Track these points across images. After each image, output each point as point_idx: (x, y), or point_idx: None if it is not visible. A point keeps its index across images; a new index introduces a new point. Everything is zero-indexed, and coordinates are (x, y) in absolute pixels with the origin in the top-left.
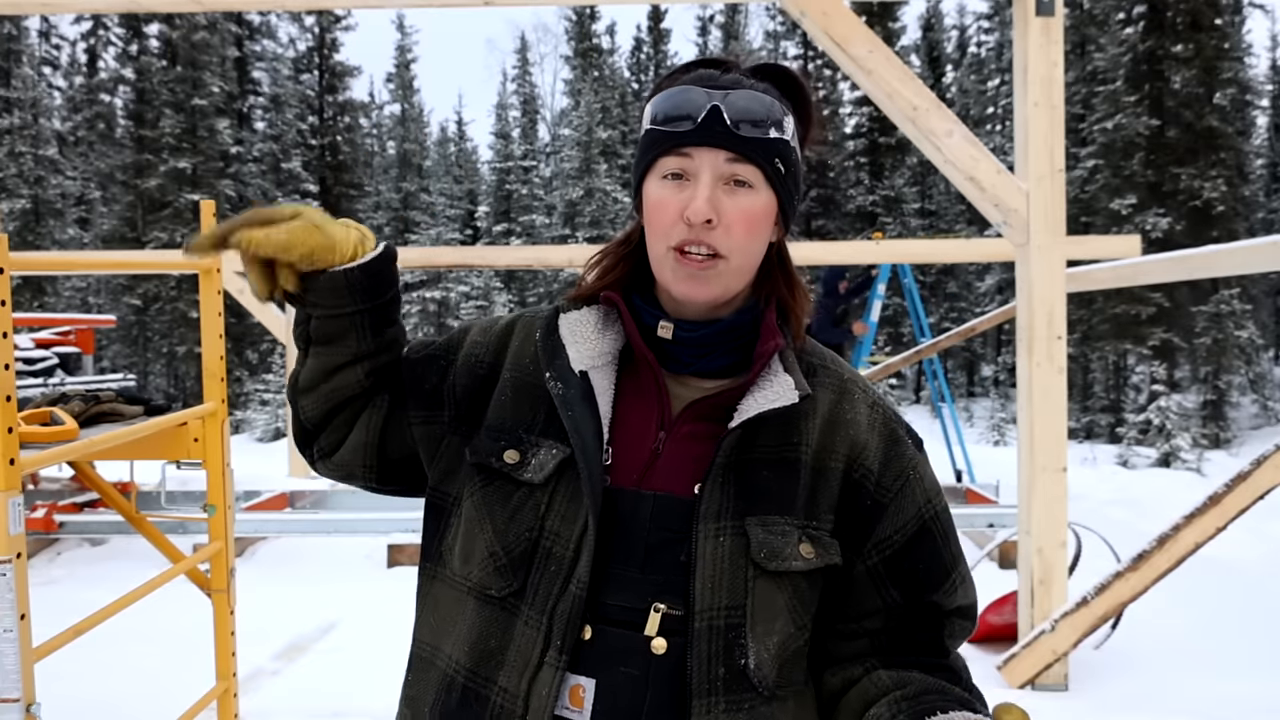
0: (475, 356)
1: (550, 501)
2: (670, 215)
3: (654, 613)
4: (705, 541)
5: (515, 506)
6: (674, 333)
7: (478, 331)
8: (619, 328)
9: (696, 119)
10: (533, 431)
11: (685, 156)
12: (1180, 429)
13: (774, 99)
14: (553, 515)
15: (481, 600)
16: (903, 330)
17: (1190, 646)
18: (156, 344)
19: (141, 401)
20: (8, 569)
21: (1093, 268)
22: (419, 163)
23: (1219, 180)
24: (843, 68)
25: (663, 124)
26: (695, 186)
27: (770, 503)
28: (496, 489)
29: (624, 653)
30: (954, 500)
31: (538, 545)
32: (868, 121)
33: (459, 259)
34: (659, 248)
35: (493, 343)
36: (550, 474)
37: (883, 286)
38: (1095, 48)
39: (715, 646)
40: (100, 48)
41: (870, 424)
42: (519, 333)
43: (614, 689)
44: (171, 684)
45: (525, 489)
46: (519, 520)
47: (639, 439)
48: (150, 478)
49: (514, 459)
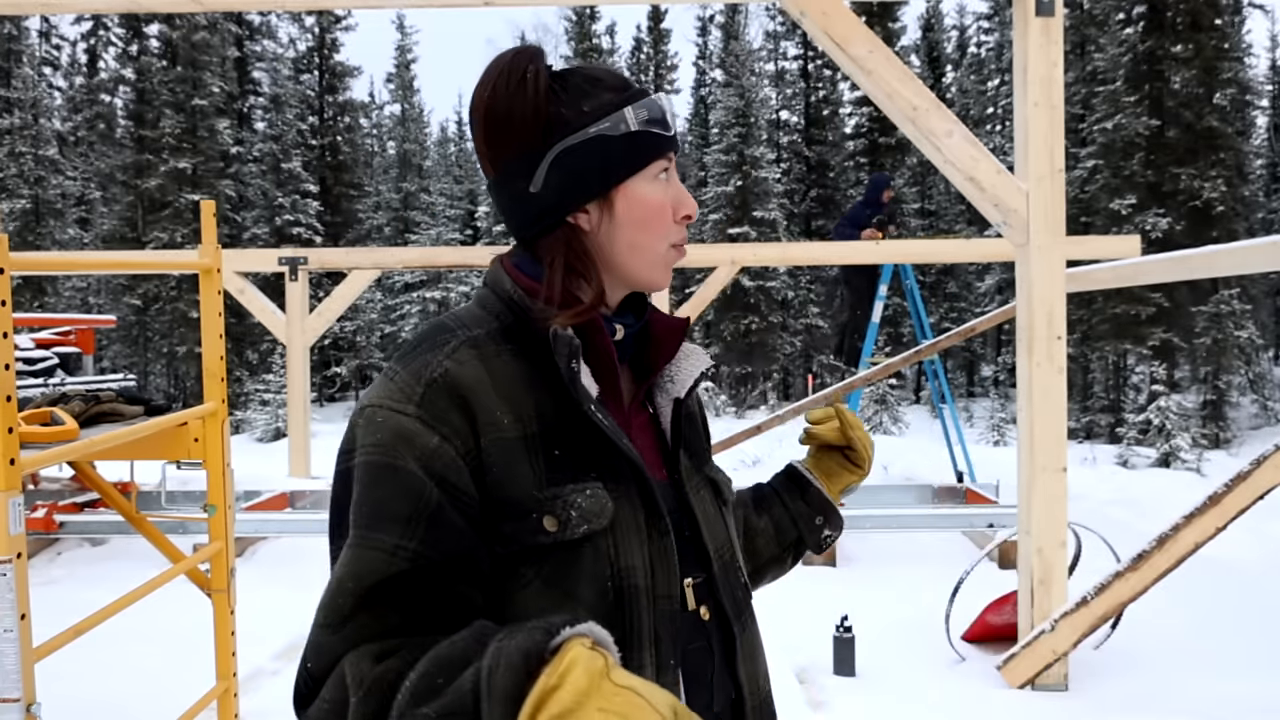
0: (451, 454)
1: (615, 540)
2: (671, 215)
3: (688, 588)
4: (695, 499)
5: (587, 567)
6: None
7: (421, 431)
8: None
9: (671, 126)
10: (542, 487)
11: (670, 159)
12: (1180, 429)
13: None
14: (622, 553)
15: None
16: (903, 330)
17: (1190, 646)
18: (156, 344)
19: (141, 401)
20: (8, 569)
21: (1093, 268)
22: (419, 163)
23: (1219, 180)
24: (843, 68)
25: (651, 127)
26: (677, 186)
27: (704, 451)
28: (557, 563)
29: (689, 632)
30: (954, 500)
31: (623, 590)
32: (868, 121)
33: (459, 259)
34: (659, 246)
35: (454, 425)
36: (613, 514)
37: (884, 287)
38: (1095, 48)
39: (730, 579)
40: (100, 48)
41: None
42: (470, 390)
43: (694, 666)
44: (171, 684)
45: (588, 544)
46: (594, 577)
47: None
48: (150, 478)
49: (554, 525)
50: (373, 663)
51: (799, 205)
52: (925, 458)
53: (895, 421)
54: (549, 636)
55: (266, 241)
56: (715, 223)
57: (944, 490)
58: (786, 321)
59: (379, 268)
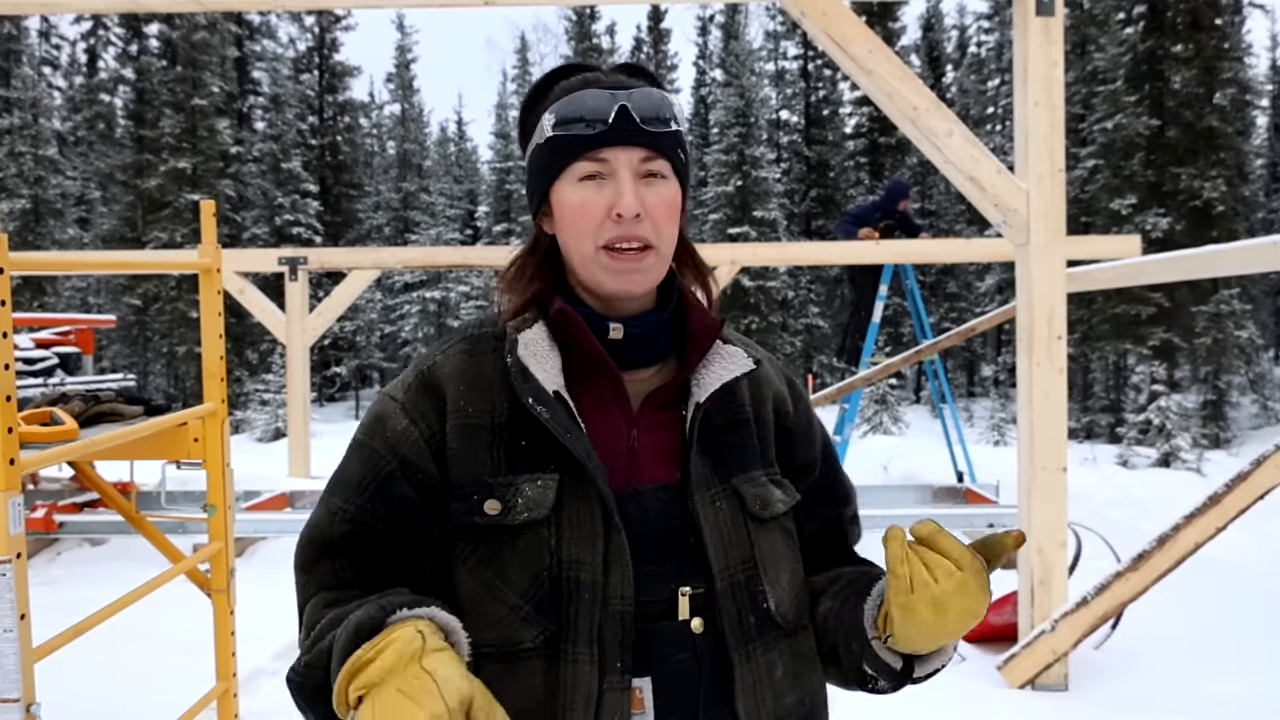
0: (417, 436)
1: (558, 532)
2: (596, 215)
3: (682, 597)
4: (705, 510)
5: (520, 552)
6: (624, 332)
7: (395, 416)
8: (558, 341)
9: (607, 120)
10: (499, 473)
11: (599, 160)
12: (1180, 429)
13: (663, 94)
14: (566, 545)
15: (512, 659)
16: (903, 330)
17: (1190, 646)
18: (156, 344)
19: (141, 401)
20: (8, 569)
21: (1093, 268)
22: (419, 163)
23: (1219, 180)
24: (843, 68)
25: (568, 129)
26: (616, 183)
27: (743, 461)
28: (493, 545)
29: (671, 643)
30: (954, 500)
31: (560, 580)
32: (868, 121)
33: (459, 259)
34: (586, 249)
35: (423, 411)
36: (553, 505)
37: (884, 287)
38: (1095, 48)
39: (741, 600)
40: (100, 48)
41: (778, 376)
42: (446, 381)
43: (670, 680)
44: (171, 684)
45: (528, 531)
46: (529, 564)
47: (612, 442)
48: (150, 478)
49: (495, 509)
50: (321, 609)
51: (799, 205)
52: (925, 458)
53: (895, 421)
54: (384, 614)
55: (266, 241)
56: (715, 223)
57: (944, 490)
58: (786, 321)
59: (379, 268)
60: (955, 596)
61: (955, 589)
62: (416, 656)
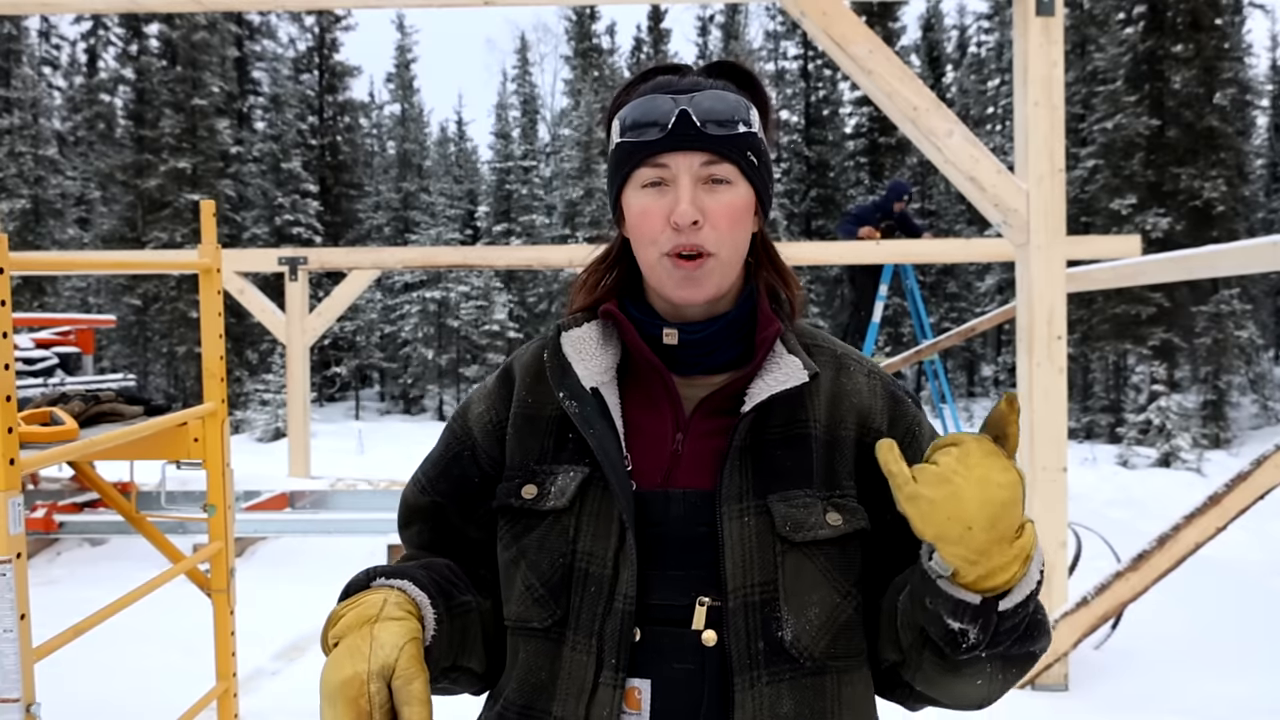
0: (488, 420)
1: (578, 524)
2: (657, 222)
3: (699, 606)
4: (730, 523)
5: (542, 536)
6: (679, 337)
7: (479, 400)
8: (618, 340)
9: (666, 126)
10: (544, 461)
11: (660, 166)
12: (1180, 429)
13: (735, 95)
14: (583, 537)
15: (525, 635)
16: (903, 330)
17: (1190, 646)
18: (156, 344)
19: (141, 401)
20: (8, 569)
21: (1093, 268)
22: (419, 163)
23: (1219, 180)
24: (843, 68)
25: (632, 135)
26: (676, 190)
27: (788, 479)
28: (523, 526)
29: (676, 650)
30: None
31: (573, 569)
32: (868, 121)
33: (459, 259)
34: (650, 255)
35: (497, 397)
36: (573, 496)
37: (884, 287)
38: (1095, 48)
39: (753, 622)
40: (100, 48)
41: (871, 390)
42: (519, 371)
43: (670, 687)
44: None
45: (551, 517)
46: (549, 549)
47: (657, 444)
48: (150, 478)
49: (532, 493)
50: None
51: (799, 205)
52: None
53: None
54: (369, 578)
55: (266, 241)
56: None
57: None
58: None
59: (379, 268)
60: (959, 465)
61: (957, 458)
62: (371, 620)
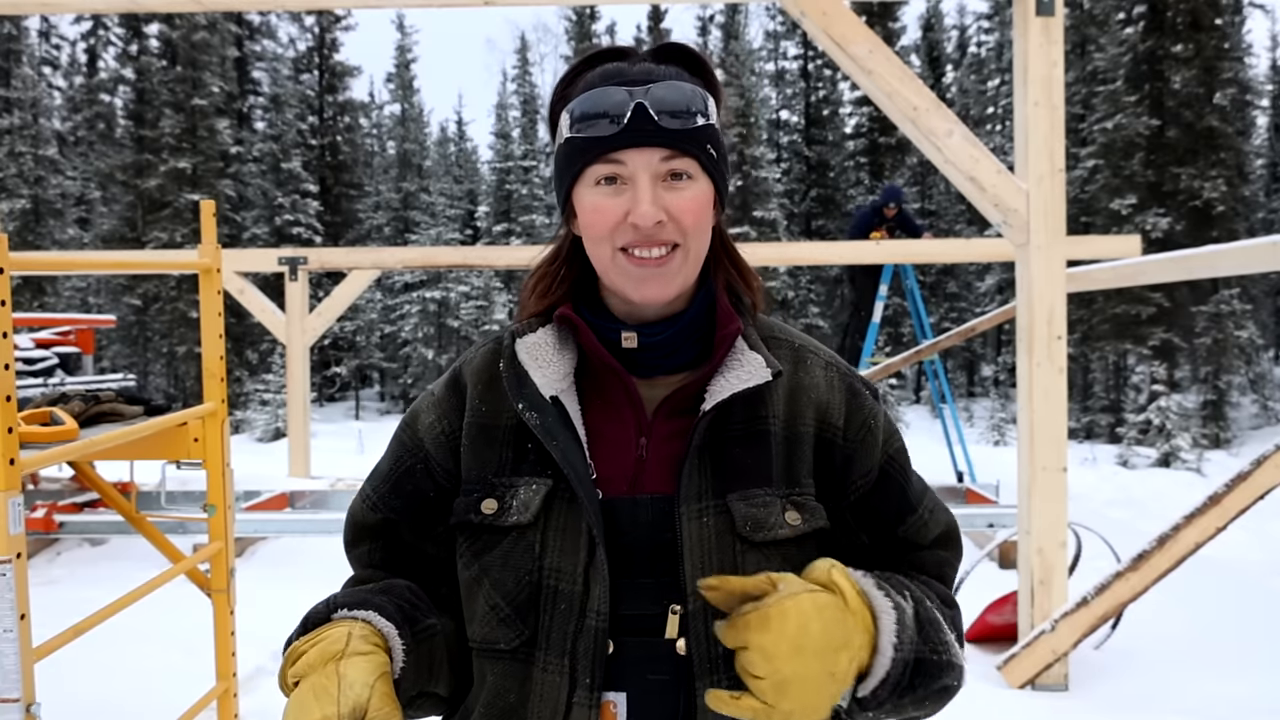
0: (440, 431)
1: (544, 539)
2: (612, 219)
3: (672, 614)
4: (689, 523)
5: (505, 553)
6: (638, 340)
7: (428, 409)
8: (574, 344)
9: (621, 120)
10: (503, 473)
11: (616, 163)
12: (1180, 429)
13: (689, 83)
14: (550, 552)
15: (492, 657)
16: (903, 330)
17: (1190, 646)
18: (156, 344)
19: (141, 401)
20: (8, 569)
21: (1093, 268)
22: (419, 163)
23: (1219, 180)
24: (843, 68)
25: (584, 129)
26: (635, 189)
27: (748, 477)
28: (484, 543)
29: (650, 661)
30: (954, 500)
31: (540, 587)
32: (868, 121)
33: (459, 259)
34: (603, 252)
35: (448, 405)
36: (537, 511)
37: (884, 287)
38: (1095, 48)
39: (713, 625)
40: (100, 48)
41: (829, 384)
42: (470, 378)
43: (646, 699)
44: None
45: (514, 533)
46: (513, 566)
47: (621, 450)
48: (150, 478)
49: (492, 508)
50: (341, 589)
51: (799, 205)
52: (925, 457)
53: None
54: (329, 610)
55: (266, 241)
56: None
57: (944, 490)
58: (786, 321)
59: (379, 268)
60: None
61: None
62: (336, 657)
